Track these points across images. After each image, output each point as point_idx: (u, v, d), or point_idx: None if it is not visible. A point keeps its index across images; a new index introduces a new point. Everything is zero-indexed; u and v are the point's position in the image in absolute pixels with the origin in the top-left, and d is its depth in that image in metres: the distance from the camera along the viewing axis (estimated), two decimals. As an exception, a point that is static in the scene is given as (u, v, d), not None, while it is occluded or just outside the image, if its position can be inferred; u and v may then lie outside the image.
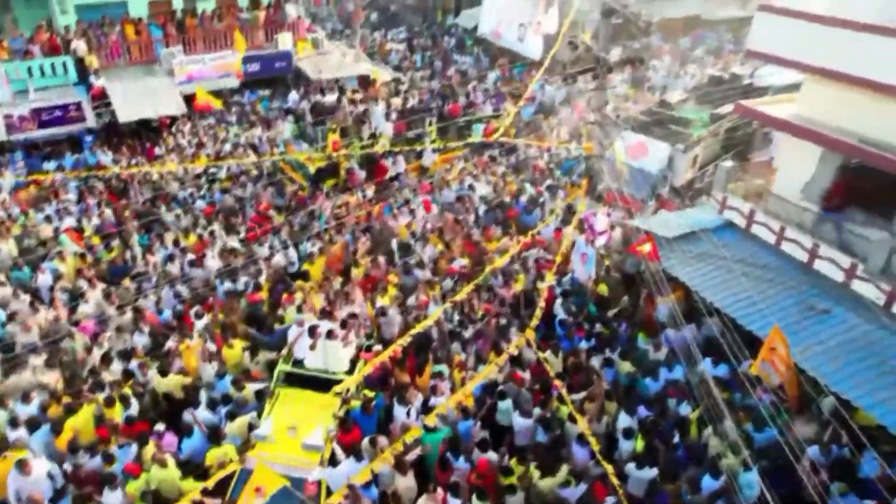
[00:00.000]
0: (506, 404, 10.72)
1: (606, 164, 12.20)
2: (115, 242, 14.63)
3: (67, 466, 9.25)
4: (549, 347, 11.93)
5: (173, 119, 20.93)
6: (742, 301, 11.11)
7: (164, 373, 10.87)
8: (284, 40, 23.07)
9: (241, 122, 22.14)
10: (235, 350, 11.59)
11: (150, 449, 9.38)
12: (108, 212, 15.81)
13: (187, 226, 15.64)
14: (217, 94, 22.12)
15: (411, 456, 9.62)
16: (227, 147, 19.64)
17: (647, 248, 12.13)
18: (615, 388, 11.27)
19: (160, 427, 9.87)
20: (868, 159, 10.60)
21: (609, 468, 9.52)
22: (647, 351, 12.12)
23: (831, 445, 9.82)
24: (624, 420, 10.38)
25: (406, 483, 9.30)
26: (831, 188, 11.53)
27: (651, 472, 9.44)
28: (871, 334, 10.22)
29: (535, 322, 12.28)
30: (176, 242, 14.39)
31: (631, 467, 9.59)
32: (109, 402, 10.00)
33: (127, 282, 13.15)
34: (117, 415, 10.01)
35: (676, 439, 10.12)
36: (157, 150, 19.85)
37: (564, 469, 9.39)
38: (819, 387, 9.71)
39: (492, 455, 9.68)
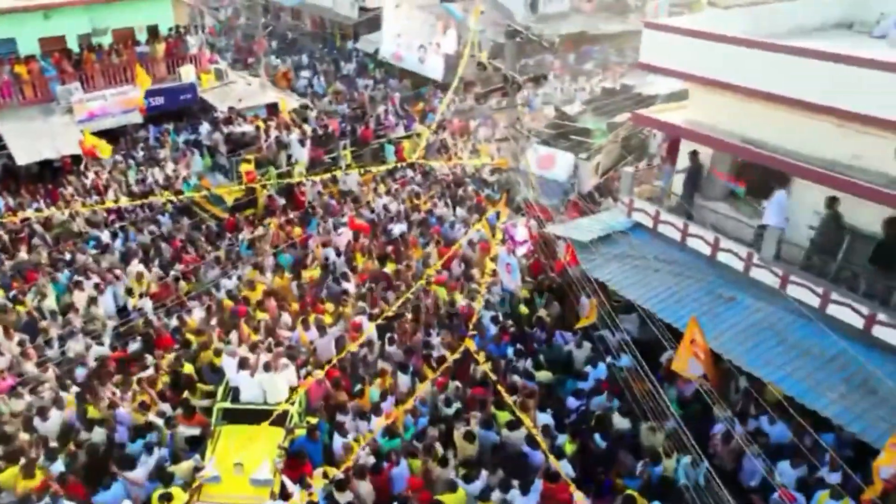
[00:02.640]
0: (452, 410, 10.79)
1: (522, 176, 12.53)
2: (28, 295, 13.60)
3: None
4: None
5: (77, 159, 19.73)
6: (659, 296, 11.68)
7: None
8: (187, 72, 22.30)
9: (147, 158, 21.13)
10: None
11: None
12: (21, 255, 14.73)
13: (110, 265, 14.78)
14: (120, 131, 21.19)
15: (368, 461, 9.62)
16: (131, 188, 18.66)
17: (566, 254, 12.56)
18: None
19: None
20: (751, 158, 11.41)
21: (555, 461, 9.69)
22: (569, 351, 12.48)
23: (735, 419, 10.40)
24: (544, 418, 10.58)
25: (366, 487, 9.32)
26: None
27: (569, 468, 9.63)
28: (771, 316, 10.98)
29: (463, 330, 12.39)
30: (97, 286, 13.55)
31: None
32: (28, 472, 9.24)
33: (45, 324, 12.27)
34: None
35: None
36: (62, 192, 18.60)
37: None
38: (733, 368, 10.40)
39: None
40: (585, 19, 35.59)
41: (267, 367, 10.35)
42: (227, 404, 10.48)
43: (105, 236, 15.90)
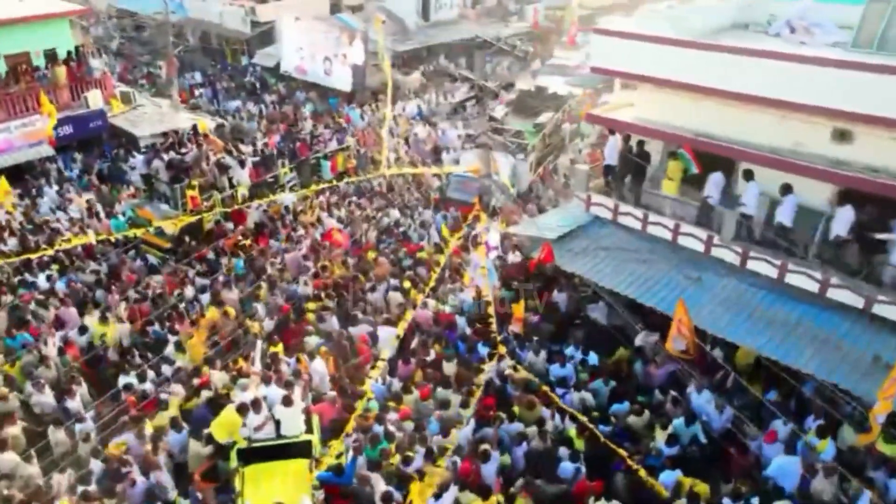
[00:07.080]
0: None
1: (495, 182, 12.45)
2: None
3: None
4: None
5: (-17, 198, 17.27)
6: (635, 282, 12.03)
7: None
8: (95, 98, 20.14)
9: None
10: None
11: None
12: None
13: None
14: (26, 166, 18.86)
15: None
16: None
17: (541, 252, 12.65)
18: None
19: None
20: (704, 148, 12.02)
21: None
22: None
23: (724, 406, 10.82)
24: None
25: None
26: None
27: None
28: (736, 290, 11.67)
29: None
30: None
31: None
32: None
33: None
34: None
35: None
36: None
37: None
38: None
39: None
40: (473, 25, 35.93)
41: (286, 402, 9.55)
42: (245, 443, 9.63)
43: (42, 280, 14.04)
